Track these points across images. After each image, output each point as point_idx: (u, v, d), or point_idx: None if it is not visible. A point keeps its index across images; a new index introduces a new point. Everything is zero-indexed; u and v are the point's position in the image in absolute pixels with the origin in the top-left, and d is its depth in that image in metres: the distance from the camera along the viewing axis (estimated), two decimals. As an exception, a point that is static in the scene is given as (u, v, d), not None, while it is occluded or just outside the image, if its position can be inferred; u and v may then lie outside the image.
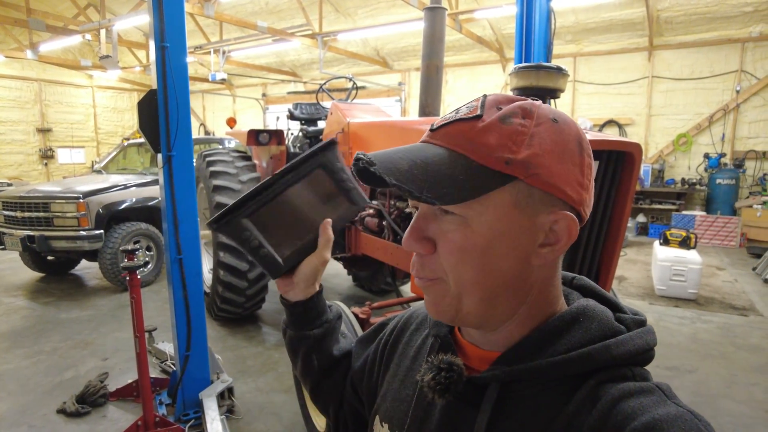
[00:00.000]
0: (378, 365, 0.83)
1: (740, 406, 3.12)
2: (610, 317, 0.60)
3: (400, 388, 0.73)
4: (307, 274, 0.80)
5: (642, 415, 0.48)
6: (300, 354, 0.88)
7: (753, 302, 5.14)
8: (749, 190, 8.64)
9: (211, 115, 16.31)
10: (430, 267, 0.58)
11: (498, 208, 0.54)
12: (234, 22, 8.93)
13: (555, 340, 0.57)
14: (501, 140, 0.53)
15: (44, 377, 3.52)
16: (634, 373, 0.55)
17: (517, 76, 2.12)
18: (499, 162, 0.53)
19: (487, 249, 0.55)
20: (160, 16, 2.56)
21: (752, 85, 8.50)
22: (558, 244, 0.56)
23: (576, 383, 0.54)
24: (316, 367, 0.88)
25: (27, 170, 13.79)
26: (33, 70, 13.55)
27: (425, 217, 0.58)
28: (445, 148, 0.56)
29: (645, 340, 0.57)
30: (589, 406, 0.52)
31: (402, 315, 0.86)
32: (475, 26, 10.00)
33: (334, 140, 0.80)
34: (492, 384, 0.58)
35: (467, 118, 0.56)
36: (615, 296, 0.64)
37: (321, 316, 0.87)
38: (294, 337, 0.88)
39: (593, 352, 0.54)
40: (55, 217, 5.33)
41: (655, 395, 0.51)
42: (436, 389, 0.58)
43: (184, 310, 2.84)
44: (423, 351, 0.73)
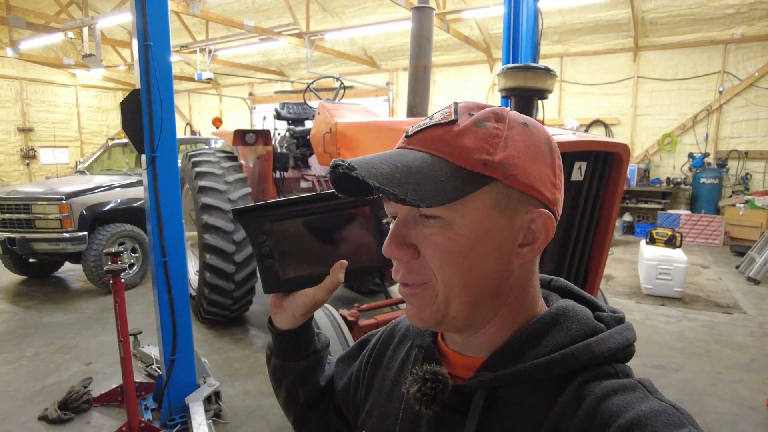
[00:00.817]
0: (362, 381, 0.81)
1: (725, 403, 3.16)
2: (590, 316, 0.61)
3: (386, 402, 0.72)
4: (299, 306, 0.75)
5: (626, 412, 0.49)
6: (284, 384, 0.84)
7: (737, 300, 5.22)
8: (732, 189, 8.77)
9: (197, 114, 16.14)
10: (418, 271, 0.58)
11: (479, 209, 0.55)
12: (220, 20, 8.84)
13: (537, 343, 0.58)
14: (477, 143, 0.55)
15: (25, 383, 3.43)
16: (616, 370, 0.56)
17: (505, 77, 2.11)
18: (477, 164, 0.54)
19: (471, 250, 0.55)
20: (143, 14, 2.51)
21: (735, 86, 8.64)
22: (536, 242, 0.58)
23: (561, 384, 0.55)
24: (301, 399, 0.84)
25: (8, 171, 13.50)
26: (14, 68, 13.27)
27: (405, 223, 0.58)
28: (423, 152, 0.56)
29: (625, 336, 0.59)
30: (574, 406, 0.53)
31: (384, 329, 0.84)
32: (463, 26, 10.02)
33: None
34: (478, 391, 0.58)
35: (442, 123, 0.56)
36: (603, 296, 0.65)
37: (309, 346, 0.82)
38: (279, 366, 0.82)
39: (575, 352, 0.55)
40: (36, 218, 5.22)
41: (638, 391, 0.52)
42: (423, 401, 0.58)
43: (169, 314, 2.80)
44: (407, 363, 0.73)
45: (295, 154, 4.79)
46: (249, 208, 0.71)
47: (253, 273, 4.17)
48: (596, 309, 0.64)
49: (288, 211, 0.71)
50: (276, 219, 0.71)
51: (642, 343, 4.09)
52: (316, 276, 0.73)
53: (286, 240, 0.72)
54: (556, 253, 2.41)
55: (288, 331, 0.78)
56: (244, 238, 4.03)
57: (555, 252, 2.41)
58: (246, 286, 4.17)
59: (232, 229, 3.96)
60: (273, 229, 0.71)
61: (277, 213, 0.71)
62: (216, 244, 3.91)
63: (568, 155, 2.16)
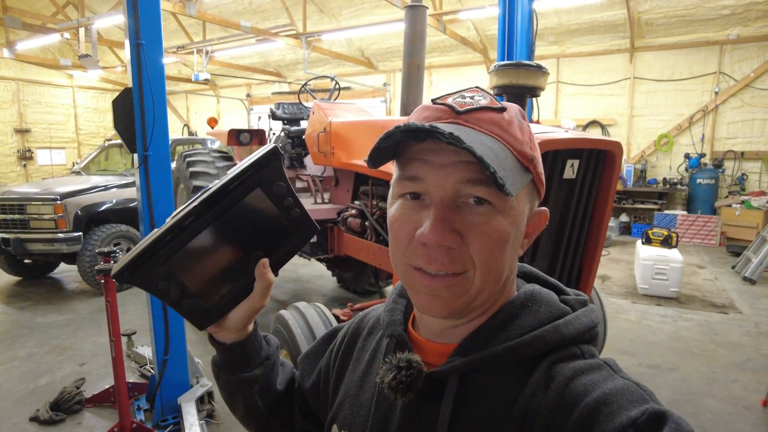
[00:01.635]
0: (333, 375, 0.79)
1: (721, 403, 3.15)
2: (556, 299, 0.63)
3: (358, 394, 0.71)
4: (240, 320, 0.68)
5: (593, 390, 0.51)
6: (240, 398, 0.77)
7: (732, 300, 5.22)
8: (728, 189, 8.79)
9: (194, 115, 16.12)
10: (459, 260, 0.55)
11: (521, 201, 0.57)
12: (217, 21, 8.83)
13: (507, 326, 0.59)
14: (524, 137, 0.57)
15: (18, 384, 3.41)
16: (582, 351, 0.58)
17: (497, 74, 2.11)
18: (527, 158, 0.56)
19: (512, 242, 0.57)
20: (134, 13, 2.50)
21: (730, 87, 8.66)
22: (532, 235, 0.62)
23: (530, 366, 0.56)
24: (262, 408, 0.78)
25: (5, 172, 13.46)
26: (10, 69, 13.24)
27: (449, 207, 0.55)
28: (486, 134, 0.55)
29: (590, 318, 0.60)
30: (544, 386, 0.54)
31: (351, 321, 0.83)
32: (460, 27, 10.02)
33: (275, 149, 0.63)
34: (451, 376, 0.58)
35: (493, 108, 0.57)
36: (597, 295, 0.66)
37: (259, 352, 0.75)
38: (232, 380, 0.75)
39: (545, 334, 0.57)
40: (31, 219, 5.20)
41: (604, 371, 0.54)
42: (399, 389, 0.57)
43: (161, 313, 2.78)
44: (378, 353, 0.72)
45: (291, 154, 4.79)
46: (128, 265, 0.59)
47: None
48: (561, 293, 0.66)
49: (173, 243, 0.59)
50: (166, 257, 0.59)
51: (637, 342, 4.09)
52: (244, 287, 0.65)
53: (189, 269, 0.61)
54: (549, 252, 2.41)
55: (234, 344, 0.72)
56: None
57: (548, 250, 2.40)
58: (241, 286, 4.15)
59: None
60: (170, 269, 0.60)
61: (163, 251, 0.59)
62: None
63: (561, 153, 2.16)
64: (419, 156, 0.56)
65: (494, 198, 0.54)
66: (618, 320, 4.56)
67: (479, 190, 0.54)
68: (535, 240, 2.30)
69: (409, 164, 0.57)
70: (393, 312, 0.70)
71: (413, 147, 0.56)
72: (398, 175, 0.59)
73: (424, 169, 0.55)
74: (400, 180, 0.58)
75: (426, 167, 0.55)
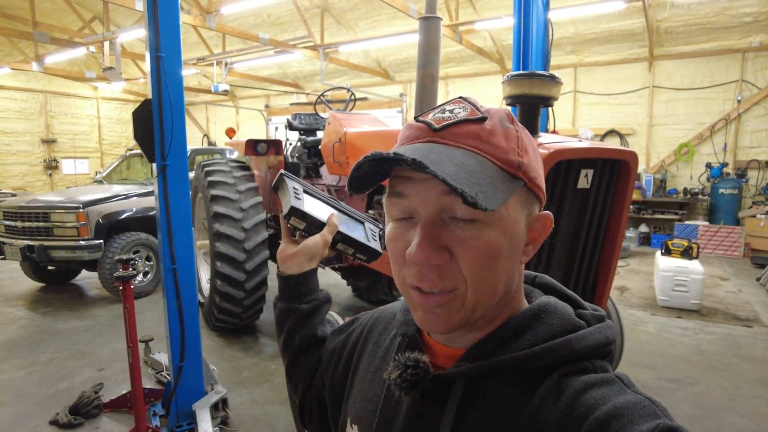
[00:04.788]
0: (345, 362, 0.83)
1: (744, 419, 3.06)
2: (571, 313, 0.62)
3: (369, 388, 0.73)
4: (309, 247, 0.86)
5: (604, 404, 0.50)
6: (285, 327, 0.92)
7: (757, 313, 5.07)
8: (752, 199, 8.58)
9: (214, 126, 16.41)
10: (450, 277, 0.55)
11: (512, 211, 0.56)
12: (236, 34, 9.01)
13: (518, 336, 0.59)
14: (508, 143, 0.56)
15: (38, 388, 3.49)
16: (594, 366, 0.57)
17: (509, 84, 2.11)
18: (513, 165, 0.55)
19: (505, 253, 0.56)
20: (155, 27, 2.58)
21: (753, 95, 8.49)
22: (538, 240, 0.61)
23: (539, 378, 0.56)
24: (296, 342, 0.91)
25: (31, 181, 13.88)
26: (38, 81, 13.70)
27: (433, 225, 0.55)
28: (464, 149, 0.55)
29: (605, 334, 0.59)
30: (552, 399, 0.53)
31: (370, 316, 0.86)
32: (476, 37, 10.05)
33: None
34: (458, 380, 0.59)
35: (472, 119, 0.56)
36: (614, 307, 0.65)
37: (311, 293, 0.92)
38: (283, 309, 0.91)
39: (555, 347, 0.56)
40: (54, 227, 5.34)
41: (615, 385, 0.53)
42: (403, 386, 0.59)
43: (178, 321, 2.82)
44: (391, 351, 0.73)
45: (307, 164, 4.83)
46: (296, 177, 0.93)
47: (263, 282, 4.19)
48: (578, 306, 0.65)
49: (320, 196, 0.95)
50: (309, 193, 0.93)
51: (657, 355, 4.00)
52: (320, 222, 0.90)
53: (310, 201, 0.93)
54: (563, 262, 2.38)
55: (295, 275, 0.89)
56: (256, 246, 4.06)
57: (562, 261, 2.38)
58: (256, 294, 4.19)
59: (243, 238, 3.99)
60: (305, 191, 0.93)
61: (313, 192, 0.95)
62: (227, 252, 3.94)
63: (575, 162, 2.15)
64: (403, 173, 0.57)
65: (479, 212, 0.52)
66: (636, 332, 4.47)
67: (461, 205, 0.52)
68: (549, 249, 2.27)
69: (395, 181, 0.58)
70: (409, 312, 0.71)
71: (397, 167, 0.57)
72: (387, 192, 0.60)
73: (407, 185, 0.56)
74: (388, 197, 0.59)
75: (409, 183, 0.56)
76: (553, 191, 2.15)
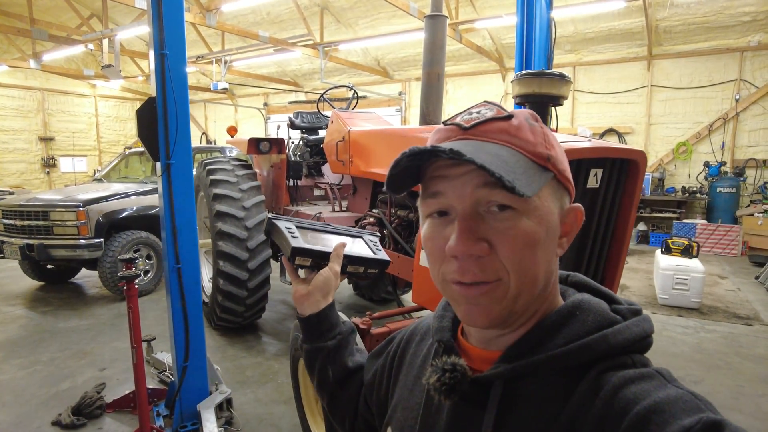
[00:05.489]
0: (387, 378, 0.83)
1: (749, 418, 3.06)
2: (606, 308, 0.61)
3: (409, 397, 0.74)
4: (322, 284, 0.88)
5: (644, 399, 0.50)
6: (316, 367, 0.92)
7: (757, 311, 5.09)
8: (750, 198, 8.62)
9: (213, 124, 16.36)
10: (491, 268, 0.56)
11: (545, 201, 0.57)
12: (236, 32, 8.98)
13: (554, 335, 0.58)
14: (536, 138, 0.58)
15: (40, 388, 3.47)
16: (633, 361, 0.56)
17: (519, 83, 2.10)
18: (542, 157, 0.57)
19: (543, 242, 0.56)
20: (159, 24, 2.55)
21: (751, 94, 8.52)
22: (571, 233, 0.62)
23: (578, 375, 0.56)
24: (331, 378, 0.91)
25: (29, 179, 13.80)
26: (36, 79, 13.62)
27: (471, 217, 0.56)
28: (494, 143, 0.57)
29: (642, 327, 0.59)
30: (591, 395, 0.53)
31: (407, 329, 0.86)
32: (475, 36, 10.05)
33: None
34: (496, 382, 0.59)
35: (499, 117, 0.59)
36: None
37: (334, 328, 0.92)
38: (310, 350, 0.92)
39: (592, 343, 0.56)
40: (54, 225, 5.31)
41: (656, 380, 0.53)
42: (442, 390, 0.59)
43: (182, 320, 2.81)
44: (428, 358, 0.74)
45: (309, 162, 4.82)
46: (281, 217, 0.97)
47: (266, 280, 4.18)
48: (613, 302, 0.64)
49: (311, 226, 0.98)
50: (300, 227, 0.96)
51: (659, 354, 4.01)
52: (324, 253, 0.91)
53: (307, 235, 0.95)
54: (571, 261, 2.38)
55: (314, 314, 0.90)
56: (258, 245, 4.05)
57: (570, 260, 2.37)
58: (259, 293, 4.17)
59: (245, 237, 3.98)
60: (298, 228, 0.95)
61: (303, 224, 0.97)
62: (229, 251, 3.93)
63: (584, 162, 2.14)
64: (437, 173, 0.59)
65: (515, 201, 0.54)
66: (639, 331, 4.47)
67: (497, 194, 0.55)
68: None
69: (430, 182, 0.60)
70: (442, 319, 0.73)
71: (432, 166, 0.59)
72: (422, 195, 0.61)
73: (443, 183, 0.58)
74: (424, 199, 0.61)
75: (445, 181, 0.58)
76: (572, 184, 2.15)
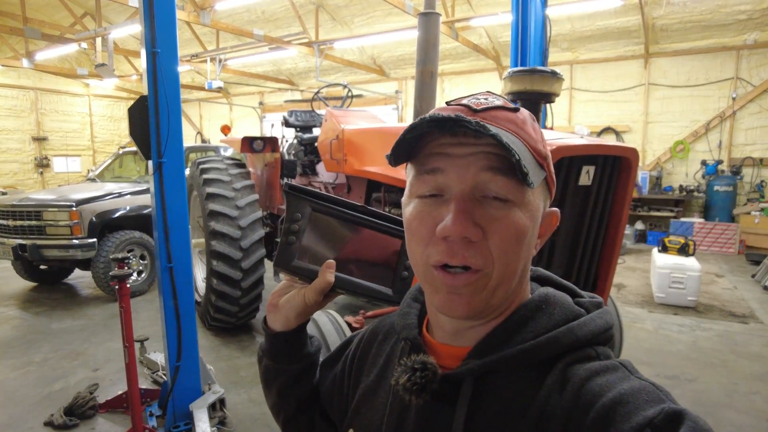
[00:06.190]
0: (347, 381, 0.80)
1: (742, 415, 3.06)
2: (570, 302, 0.63)
3: (373, 398, 0.72)
4: (293, 307, 0.74)
5: (609, 391, 0.51)
6: (275, 387, 0.83)
7: (753, 309, 5.10)
8: (747, 196, 8.63)
9: (207, 123, 16.31)
10: (480, 255, 0.55)
11: (537, 196, 0.58)
12: (230, 30, 8.94)
13: (522, 329, 0.59)
14: (537, 135, 0.58)
15: (32, 388, 3.44)
16: (597, 353, 0.57)
17: (511, 80, 2.09)
18: (541, 155, 0.58)
19: (529, 238, 0.57)
20: (151, 22, 2.53)
21: (748, 92, 8.53)
22: (545, 235, 0.63)
23: (545, 368, 0.56)
24: (292, 402, 0.83)
25: (22, 179, 13.73)
26: (29, 78, 13.54)
27: (468, 200, 0.55)
28: (504, 129, 0.56)
29: (605, 320, 0.60)
30: (559, 388, 0.54)
31: (367, 329, 0.84)
32: (472, 34, 10.03)
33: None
34: (466, 379, 0.58)
35: (508, 108, 0.58)
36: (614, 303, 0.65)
37: (302, 349, 0.81)
38: (271, 368, 0.82)
39: (559, 336, 0.57)
40: (47, 225, 5.27)
41: (620, 372, 0.54)
42: (413, 390, 0.57)
43: (174, 320, 2.79)
44: (393, 357, 0.72)
45: (303, 161, 4.80)
46: (301, 189, 0.73)
47: (260, 280, 4.16)
48: (575, 295, 0.66)
49: (332, 208, 0.74)
50: (318, 209, 0.73)
51: (654, 352, 4.01)
52: (314, 274, 0.72)
53: (315, 231, 0.73)
54: (564, 259, 2.37)
55: (282, 333, 0.78)
56: (252, 245, 4.03)
57: (564, 258, 2.36)
58: (253, 293, 4.15)
59: (239, 236, 3.96)
60: (311, 216, 0.73)
61: (322, 205, 0.73)
62: (223, 250, 3.90)
63: (576, 159, 2.13)
64: (438, 150, 0.57)
65: (513, 192, 0.54)
66: (634, 329, 4.47)
67: (499, 181, 0.54)
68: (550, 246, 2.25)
69: (429, 159, 0.57)
70: (407, 316, 0.70)
71: (432, 143, 0.57)
72: (416, 171, 0.59)
73: (445, 161, 0.56)
74: (419, 176, 0.58)
75: (447, 159, 0.56)
76: (555, 188, 2.14)
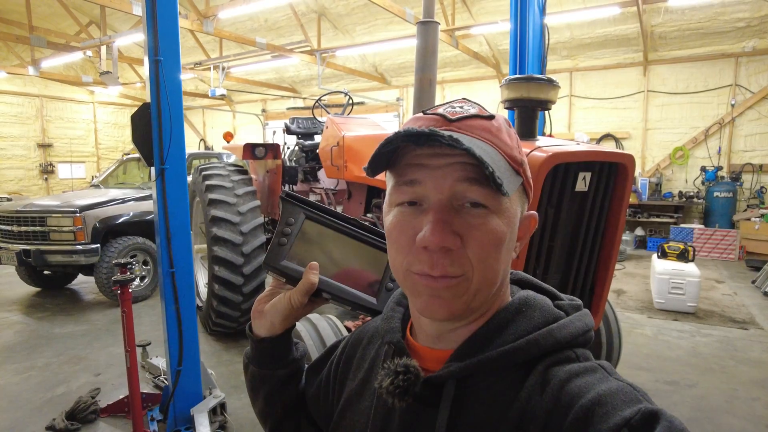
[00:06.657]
0: (333, 386, 0.81)
1: (741, 421, 3.07)
2: (550, 304, 0.64)
3: (358, 401, 0.72)
4: (278, 311, 0.75)
5: (588, 392, 0.52)
6: (261, 393, 0.84)
7: (753, 315, 5.10)
8: (747, 203, 8.64)
9: (210, 130, 16.40)
10: (459, 263, 0.55)
11: (514, 203, 0.59)
12: (233, 38, 9.03)
13: (503, 331, 0.60)
14: (512, 142, 0.59)
15: (35, 393, 3.47)
16: (577, 355, 0.59)
17: (508, 88, 2.12)
18: (517, 162, 0.59)
19: (507, 243, 0.58)
20: (154, 31, 2.58)
21: (747, 99, 8.57)
22: (524, 238, 0.64)
23: (526, 370, 0.58)
24: (279, 408, 0.84)
25: (27, 185, 13.83)
26: (35, 86, 13.67)
27: (446, 210, 0.56)
28: (478, 139, 0.57)
29: (584, 322, 0.62)
30: (539, 389, 0.55)
31: (351, 334, 0.84)
32: (472, 42, 10.11)
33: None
34: (449, 381, 0.59)
35: (483, 116, 0.59)
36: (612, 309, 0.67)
37: (287, 355, 0.82)
38: (257, 374, 0.83)
39: (539, 338, 0.58)
40: (51, 231, 5.32)
41: (598, 373, 0.55)
42: (396, 393, 0.58)
43: (176, 325, 2.81)
44: (377, 361, 0.72)
45: (304, 167, 4.84)
46: (296, 197, 0.78)
47: (261, 285, 4.18)
48: (555, 298, 0.67)
49: (324, 217, 0.78)
50: (310, 217, 0.78)
51: (654, 358, 4.01)
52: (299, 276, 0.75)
53: (306, 237, 0.77)
54: (561, 265, 2.39)
55: (267, 338, 0.79)
56: (253, 250, 4.06)
57: (561, 264, 2.38)
58: (254, 298, 4.16)
59: (240, 242, 3.99)
60: (303, 223, 0.77)
61: (315, 213, 0.78)
62: (225, 256, 3.94)
63: (572, 166, 2.16)
64: (416, 161, 0.57)
65: (489, 200, 0.55)
66: (633, 335, 4.48)
67: (475, 191, 0.55)
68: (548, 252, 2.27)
69: (407, 170, 0.58)
70: (390, 320, 0.71)
71: (410, 153, 0.58)
72: (395, 182, 0.59)
73: (422, 172, 0.57)
74: (397, 186, 0.59)
75: (424, 171, 0.56)
76: (551, 194, 2.16)
